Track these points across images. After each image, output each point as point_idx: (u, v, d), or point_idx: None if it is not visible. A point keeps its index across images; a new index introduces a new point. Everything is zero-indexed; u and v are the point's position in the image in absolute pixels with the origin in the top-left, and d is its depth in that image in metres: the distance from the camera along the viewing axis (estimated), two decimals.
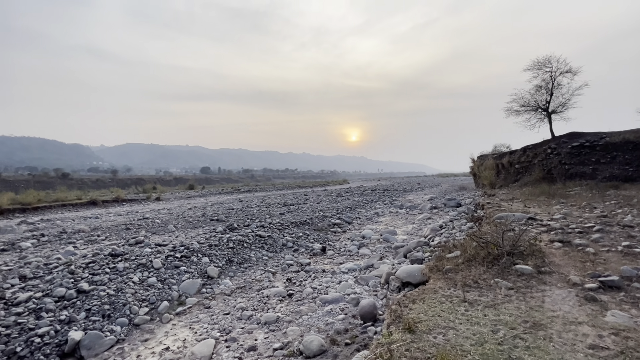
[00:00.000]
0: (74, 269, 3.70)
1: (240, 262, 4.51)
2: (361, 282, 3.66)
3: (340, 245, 5.69)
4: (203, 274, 3.96)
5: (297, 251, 5.25)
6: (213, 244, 4.92)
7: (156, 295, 3.30)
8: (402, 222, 7.87)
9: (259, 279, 3.95)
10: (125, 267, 3.82)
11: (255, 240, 5.37)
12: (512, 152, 12.51)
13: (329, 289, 3.54)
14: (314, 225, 7.03)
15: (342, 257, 4.89)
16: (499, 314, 1.93)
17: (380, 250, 5.17)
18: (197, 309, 3.17)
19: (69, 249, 4.87)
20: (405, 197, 14.58)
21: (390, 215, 9.04)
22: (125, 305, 3.03)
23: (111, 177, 46.59)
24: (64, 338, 2.49)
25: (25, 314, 2.76)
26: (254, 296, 3.41)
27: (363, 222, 7.99)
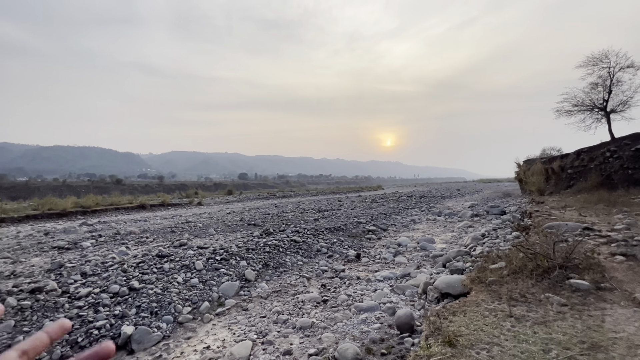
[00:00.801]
0: (126, 268, 4.01)
1: (276, 267, 4.61)
2: (397, 291, 3.56)
3: (375, 252, 5.59)
4: (241, 276, 4.09)
5: (332, 257, 5.25)
6: (250, 247, 5.08)
7: (198, 296, 3.47)
8: (440, 230, 7.56)
9: (294, 283, 4.00)
10: (170, 268, 4.06)
11: (291, 245, 5.45)
12: (563, 156, 11.56)
13: (364, 296, 3.49)
14: (348, 231, 6.99)
15: (377, 265, 4.80)
16: (550, 332, 1.79)
17: (417, 258, 5.01)
18: (235, 310, 3.28)
19: (122, 249, 5.29)
20: (444, 203, 14.00)
21: (427, 223, 8.73)
22: (171, 303, 3.22)
23: (158, 183, 49.99)
24: (118, 331, 2.70)
25: (85, 308, 3.04)
26: (289, 300, 3.45)
27: (399, 229, 7.79)
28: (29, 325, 2.76)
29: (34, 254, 5.35)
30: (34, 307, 3.03)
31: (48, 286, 3.39)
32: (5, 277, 3.98)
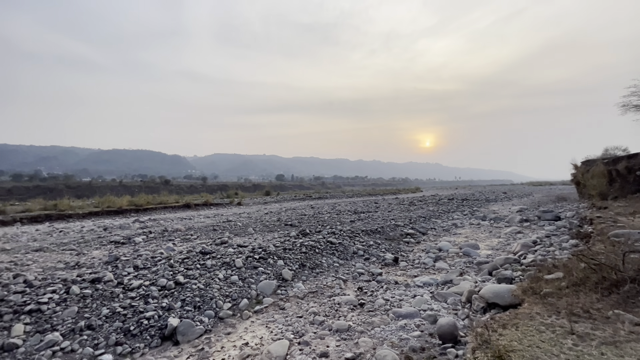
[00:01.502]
0: (173, 263, 4.25)
1: (312, 267, 4.61)
2: (438, 298, 3.39)
3: (414, 256, 5.39)
4: (278, 276, 4.15)
5: (368, 260, 5.14)
6: (287, 247, 5.15)
7: (237, 293, 3.57)
8: (485, 235, 7.11)
9: (330, 285, 3.98)
10: (212, 265, 4.24)
11: (327, 247, 5.44)
12: (631, 156, 10.30)
13: (402, 302, 3.37)
14: (385, 234, 6.82)
15: (416, 270, 4.62)
16: (622, 355, 1.57)
17: (460, 265, 4.74)
18: (272, 309, 3.33)
19: (169, 245, 5.63)
20: (489, 207, 13.16)
21: (470, 227, 8.25)
22: (212, 299, 3.35)
23: (202, 184, 52.89)
24: (165, 323, 2.86)
25: (137, 299, 3.26)
26: (325, 302, 3.43)
27: (439, 233, 7.45)
28: (90, 312, 3.02)
29: (94, 247, 5.89)
30: (93, 296, 3.32)
31: (106, 277, 3.70)
32: (70, 267, 4.42)
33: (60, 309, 3.04)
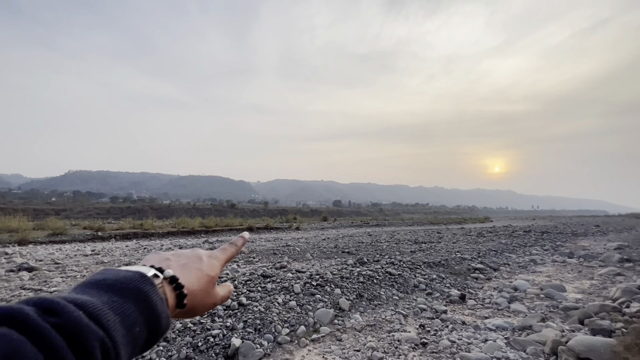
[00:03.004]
0: (237, 284, 4.51)
1: (370, 299, 4.47)
2: (515, 346, 2.99)
3: (484, 295, 4.87)
4: (335, 304, 4.11)
5: (431, 295, 4.80)
6: (344, 276, 5.09)
7: (295, 319, 3.61)
8: (572, 276, 6.14)
9: (389, 319, 3.80)
10: (272, 288, 4.38)
11: (385, 277, 5.24)
12: None
13: (471, 346, 3.05)
14: (449, 267, 6.33)
15: (487, 310, 4.16)
16: None
17: (542, 308, 4.14)
18: (329, 339, 3.28)
19: (234, 267, 6.00)
20: (576, 242, 11.41)
21: (553, 265, 7.22)
22: (272, 323, 3.44)
23: (263, 208, 55.82)
24: (228, 342, 3.02)
25: (205, 316, 3.51)
26: (384, 337, 3.28)
27: (514, 270, 6.66)
28: None
29: None
30: None
31: None
32: None
33: None
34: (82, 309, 0.38)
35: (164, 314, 0.38)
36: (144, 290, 0.38)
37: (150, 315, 0.38)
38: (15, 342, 0.37)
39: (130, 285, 0.38)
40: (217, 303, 0.44)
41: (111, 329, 0.38)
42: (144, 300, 0.38)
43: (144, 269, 0.39)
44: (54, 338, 0.38)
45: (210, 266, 0.44)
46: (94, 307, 0.38)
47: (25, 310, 0.38)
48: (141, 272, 0.38)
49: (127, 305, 0.38)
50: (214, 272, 0.44)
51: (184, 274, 0.40)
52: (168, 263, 0.40)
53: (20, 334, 0.38)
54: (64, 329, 0.38)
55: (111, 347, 0.38)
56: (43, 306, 0.38)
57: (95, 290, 0.38)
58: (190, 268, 0.41)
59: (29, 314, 0.38)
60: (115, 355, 0.38)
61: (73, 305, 0.38)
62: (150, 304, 0.38)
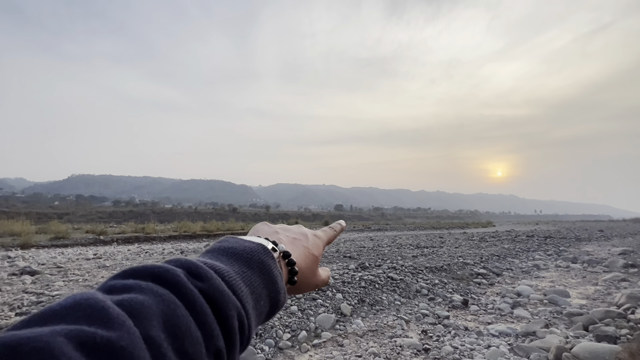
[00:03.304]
0: None
1: (372, 304, 4.44)
2: (519, 352, 2.96)
3: (487, 300, 4.84)
4: (337, 309, 4.09)
5: (433, 300, 4.77)
6: (346, 280, 5.07)
7: (297, 324, 3.59)
8: (576, 281, 6.09)
9: (391, 324, 3.77)
10: None
11: (387, 282, 5.21)
12: None
13: (474, 352, 3.02)
14: (452, 272, 6.29)
15: (490, 316, 4.12)
16: None
17: (545, 314, 4.10)
18: (331, 344, 3.26)
19: None
20: (580, 247, 11.32)
21: (557, 270, 7.16)
22: (273, 328, 3.42)
23: (265, 212, 55.86)
24: None
25: None
26: (386, 343, 3.25)
27: (517, 275, 6.61)
28: None
29: None
30: None
31: None
32: None
33: None
34: (221, 276, 0.37)
35: (283, 288, 0.37)
36: (267, 264, 0.37)
37: (272, 289, 0.37)
38: (173, 305, 0.37)
39: (256, 257, 0.37)
40: (318, 285, 0.43)
41: (244, 299, 0.37)
42: (267, 274, 0.37)
43: (264, 242, 0.38)
44: (203, 304, 0.37)
45: (315, 245, 0.43)
46: (230, 276, 0.37)
47: (177, 272, 0.37)
48: (263, 244, 0.37)
49: (255, 277, 0.37)
50: (318, 251, 0.43)
51: (294, 250, 0.39)
52: (278, 237, 0.39)
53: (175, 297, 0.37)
54: (208, 295, 0.37)
55: (245, 317, 0.37)
56: (190, 269, 0.37)
57: (225, 258, 0.37)
58: (298, 245, 0.40)
59: (181, 276, 0.37)
60: (247, 326, 0.37)
61: (213, 272, 0.37)
62: (272, 277, 0.37)
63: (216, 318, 0.37)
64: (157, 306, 0.37)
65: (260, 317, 0.37)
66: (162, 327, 0.37)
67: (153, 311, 0.37)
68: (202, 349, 0.37)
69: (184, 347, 0.37)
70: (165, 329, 0.37)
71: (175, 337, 0.37)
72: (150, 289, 0.37)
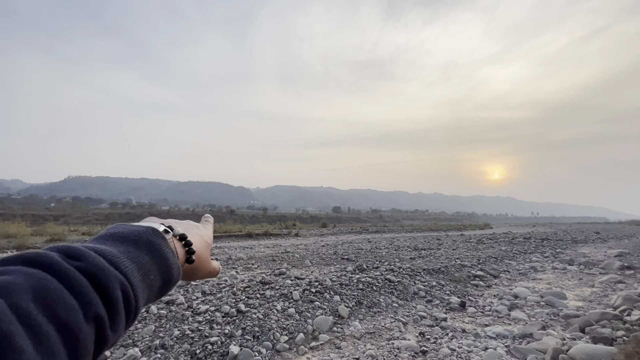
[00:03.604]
0: (235, 291, 4.48)
1: (370, 306, 4.44)
2: (516, 355, 2.97)
3: (484, 302, 4.85)
4: (334, 312, 4.08)
5: (431, 302, 4.78)
6: (344, 283, 5.06)
7: (294, 326, 3.59)
8: (573, 283, 6.12)
9: (388, 327, 3.77)
10: (271, 295, 4.36)
11: (385, 285, 5.22)
12: None
13: (471, 354, 3.03)
14: (449, 274, 6.31)
15: (488, 318, 4.13)
16: None
17: (542, 316, 4.12)
18: (328, 347, 3.26)
19: (233, 273, 5.96)
20: (576, 249, 11.38)
21: (553, 272, 7.19)
22: (270, 330, 3.41)
23: (262, 214, 55.71)
24: (226, 350, 2.99)
25: (203, 323, 3.49)
26: (383, 345, 3.25)
27: (514, 277, 6.63)
28: (164, 332, 3.31)
29: None
30: (167, 317, 3.64)
31: (178, 300, 4.05)
32: None
33: (141, 326, 3.39)
34: (102, 255, 0.41)
35: (175, 265, 0.41)
36: (157, 243, 0.41)
37: (163, 265, 0.41)
38: (44, 280, 0.40)
39: (144, 238, 0.41)
40: (211, 272, 0.46)
41: (129, 274, 0.41)
42: (156, 252, 0.41)
43: (155, 225, 0.41)
44: (78, 278, 0.40)
45: (207, 234, 0.47)
46: (112, 255, 0.41)
47: (50, 254, 0.40)
48: (152, 226, 0.41)
49: (142, 255, 0.41)
50: (209, 239, 0.47)
51: (190, 234, 0.42)
52: (173, 225, 0.42)
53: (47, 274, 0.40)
54: (87, 272, 0.40)
55: (129, 288, 0.41)
56: (67, 252, 0.40)
57: (111, 242, 0.41)
58: (193, 232, 0.44)
59: (54, 257, 0.40)
60: (134, 296, 0.41)
61: (94, 252, 0.41)
62: (162, 254, 0.41)
63: (97, 290, 0.40)
64: (27, 283, 0.40)
65: (152, 290, 0.41)
66: (31, 299, 0.40)
67: (20, 286, 0.40)
68: (79, 316, 0.40)
69: (56, 313, 0.40)
70: (36, 299, 0.40)
71: (47, 307, 0.40)
72: (19, 270, 0.40)
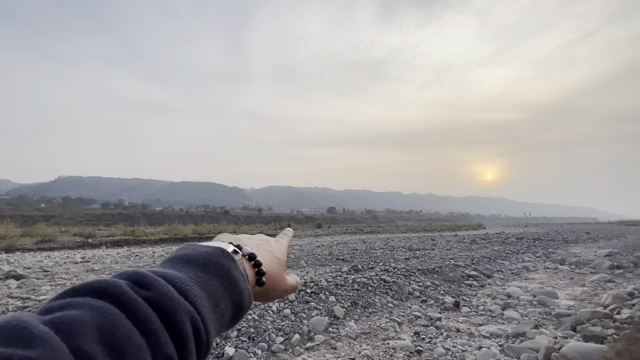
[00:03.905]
0: None
1: (365, 306, 4.46)
2: (509, 353, 3.01)
3: (478, 302, 4.90)
4: (330, 312, 4.09)
5: (425, 302, 4.81)
6: (339, 283, 5.07)
7: (290, 327, 3.58)
8: (564, 283, 6.21)
9: (384, 327, 3.79)
10: None
11: (380, 285, 5.24)
12: None
13: (465, 353, 3.05)
14: (444, 274, 6.35)
15: (481, 317, 4.17)
16: None
17: (535, 315, 4.18)
18: (324, 347, 3.26)
19: None
20: (567, 249, 11.56)
21: (545, 272, 7.29)
22: (266, 331, 3.40)
23: (257, 215, 55.52)
24: (222, 351, 2.98)
25: None
26: (379, 345, 3.26)
27: (507, 277, 6.71)
28: None
29: None
30: None
31: None
32: None
33: None
34: (171, 283, 0.37)
35: (246, 290, 0.37)
36: (226, 266, 0.37)
37: (234, 291, 0.37)
38: (111, 316, 0.37)
39: (213, 261, 0.37)
40: (288, 290, 0.42)
41: (199, 304, 0.37)
42: (226, 276, 0.37)
43: (224, 245, 0.38)
44: (147, 312, 0.37)
45: (278, 249, 0.43)
46: (182, 282, 0.37)
47: (119, 284, 0.37)
48: (222, 247, 0.38)
49: (212, 281, 0.37)
50: (282, 255, 0.43)
51: (259, 253, 0.39)
52: (242, 242, 0.39)
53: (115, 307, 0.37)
54: (155, 303, 0.37)
55: (200, 322, 0.37)
56: (136, 280, 0.37)
57: (181, 265, 0.37)
58: (262, 249, 0.40)
59: (123, 287, 0.37)
60: (204, 329, 0.37)
61: (163, 280, 0.37)
62: (233, 279, 0.37)
63: (165, 325, 0.37)
64: (93, 319, 0.37)
65: (223, 321, 0.37)
66: (97, 340, 0.37)
67: (87, 325, 0.37)
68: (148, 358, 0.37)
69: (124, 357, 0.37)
70: (102, 341, 0.37)
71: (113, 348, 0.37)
72: (87, 303, 0.37)
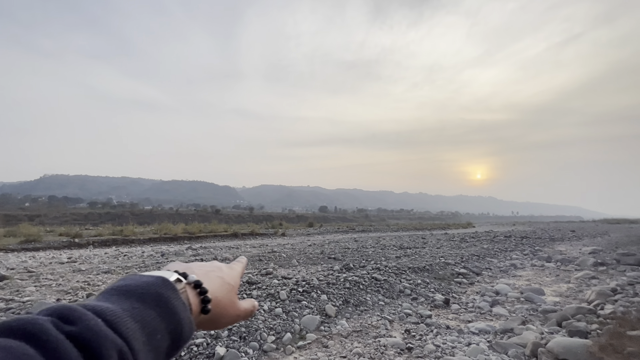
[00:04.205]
0: None
1: (357, 304, 4.48)
2: (497, 349, 3.06)
3: (467, 299, 4.97)
4: (321, 311, 4.09)
5: (416, 300, 4.86)
6: (331, 282, 5.08)
7: (281, 326, 3.58)
8: (550, 279, 6.36)
9: (375, 325, 3.81)
10: (258, 295, 4.33)
11: (371, 283, 5.27)
12: None
13: (455, 350, 3.10)
14: (434, 272, 6.43)
15: (470, 314, 4.24)
16: None
17: (522, 311, 4.26)
18: (315, 346, 3.26)
19: None
20: (554, 247, 11.82)
21: (532, 269, 7.45)
22: (257, 330, 3.39)
23: (248, 214, 55.20)
24: (212, 351, 2.95)
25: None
26: (370, 343, 3.29)
27: (495, 274, 6.83)
28: None
29: None
30: None
31: None
32: None
33: None
34: (101, 316, 0.37)
35: (187, 319, 0.37)
36: (165, 296, 0.37)
37: (172, 320, 0.37)
38: (24, 357, 0.36)
39: (151, 290, 0.37)
40: (240, 316, 0.42)
41: (130, 337, 0.37)
42: (164, 306, 0.37)
43: (167, 274, 0.37)
44: (66, 349, 0.36)
45: (230, 275, 0.42)
46: (113, 314, 0.37)
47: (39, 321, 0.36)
48: (163, 276, 0.37)
49: (148, 311, 0.37)
50: (234, 281, 0.42)
51: (207, 280, 0.39)
52: (191, 270, 0.39)
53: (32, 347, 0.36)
54: (79, 338, 0.36)
55: (129, 355, 0.37)
56: (61, 314, 0.36)
57: (116, 297, 0.37)
58: (212, 276, 0.39)
59: (44, 324, 0.36)
60: None
61: (92, 313, 0.36)
62: (171, 309, 0.37)
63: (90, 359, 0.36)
64: None
65: (159, 352, 0.37)
66: None
67: None
68: None
69: None
70: None
71: None
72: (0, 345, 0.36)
